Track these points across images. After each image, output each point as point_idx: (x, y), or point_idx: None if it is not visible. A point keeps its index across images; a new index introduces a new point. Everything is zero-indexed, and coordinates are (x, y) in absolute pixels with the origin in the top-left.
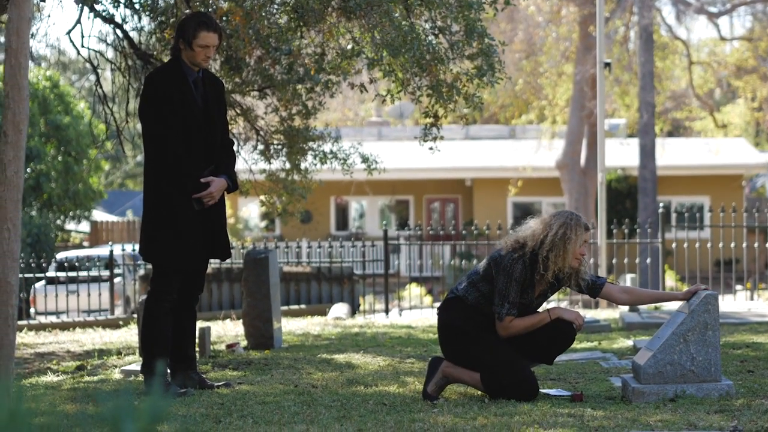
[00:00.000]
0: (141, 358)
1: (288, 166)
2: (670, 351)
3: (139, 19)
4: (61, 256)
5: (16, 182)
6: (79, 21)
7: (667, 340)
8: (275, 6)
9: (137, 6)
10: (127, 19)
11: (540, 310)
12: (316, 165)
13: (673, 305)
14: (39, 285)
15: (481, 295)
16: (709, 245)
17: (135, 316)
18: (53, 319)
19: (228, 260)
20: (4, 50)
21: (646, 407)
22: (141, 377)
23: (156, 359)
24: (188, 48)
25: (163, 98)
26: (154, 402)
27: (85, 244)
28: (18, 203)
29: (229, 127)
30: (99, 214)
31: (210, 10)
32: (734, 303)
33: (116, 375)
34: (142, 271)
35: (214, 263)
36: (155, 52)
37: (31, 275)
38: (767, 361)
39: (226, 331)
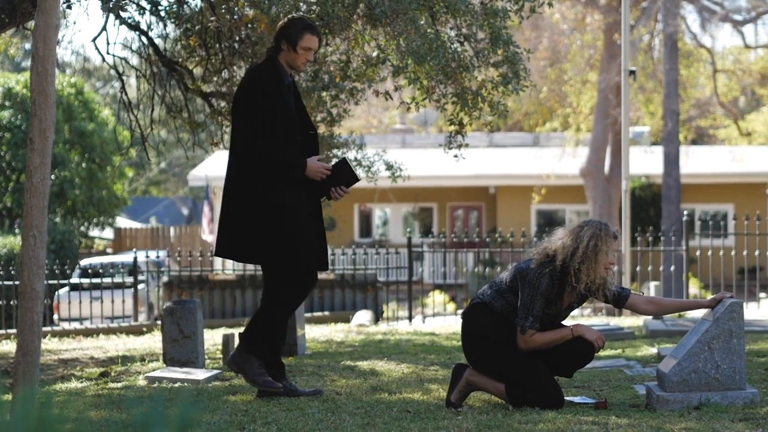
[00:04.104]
0: (244, 347)
1: None
2: (695, 359)
3: (165, 26)
4: (84, 262)
5: (41, 189)
6: (104, 28)
7: (692, 348)
8: (301, 14)
9: (163, 13)
10: (152, 27)
11: (564, 322)
12: None
13: (698, 313)
14: (62, 291)
15: (508, 304)
16: (733, 253)
17: (158, 322)
18: (77, 325)
19: (252, 266)
20: (30, 57)
21: (671, 415)
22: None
23: (267, 355)
24: (291, 50)
25: (266, 95)
26: (183, 409)
27: (109, 250)
28: (44, 210)
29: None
30: (123, 221)
31: (236, 17)
32: (758, 311)
33: (140, 381)
34: (165, 278)
35: (238, 270)
36: (180, 59)
37: (54, 282)
38: None
39: None
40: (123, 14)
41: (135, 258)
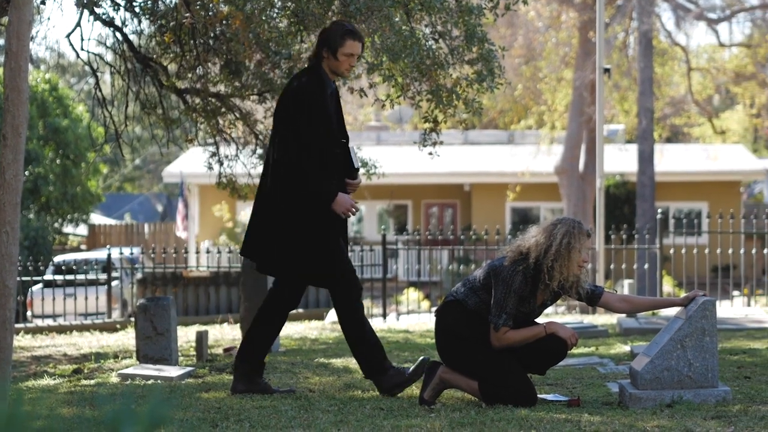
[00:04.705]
0: (364, 365)
1: None
2: (668, 357)
3: (139, 22)
4: (58, 259)
5: (14, 185)
6: (78, 24)
7: (665, 345)
8: (275, 10)
9: (137, 9)
10: (126, 23)
11: (538, 320)
12: None
13: (671, 311)
14: (36, 288)
15: (481, 301)
16: (707, 251)
17: (132, 319)
18: (50, 322)
19: (226, 263)
20: (3, 53)
21: (643, 413)
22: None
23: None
24: (332, 57)
25: (309, 104)
26: (154, 406)
27: (83, 247)
28: (17, 206)
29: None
30: (97, 218)
31: (210, 14)
32: (731, 309)
33: (113, 379)
34: (139, 275)
35: (212, 267)
36: (155, 56)
37: (28, 278)
38: (764, 367)
39: (224, 335)
40: (97, 10)
41: (109, 255)
